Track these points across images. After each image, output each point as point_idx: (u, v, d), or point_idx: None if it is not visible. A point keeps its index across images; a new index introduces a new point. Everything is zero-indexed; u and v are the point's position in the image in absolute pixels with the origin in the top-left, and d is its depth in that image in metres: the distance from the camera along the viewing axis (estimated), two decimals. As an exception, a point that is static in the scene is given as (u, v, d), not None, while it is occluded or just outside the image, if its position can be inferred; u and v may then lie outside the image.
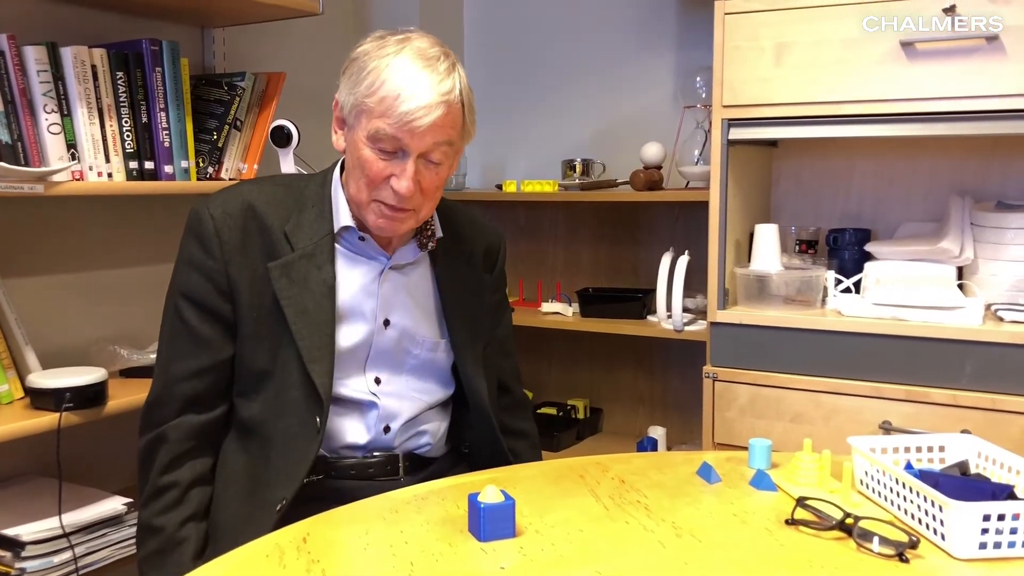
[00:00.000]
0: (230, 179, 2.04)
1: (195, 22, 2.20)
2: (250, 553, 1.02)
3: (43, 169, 1.66)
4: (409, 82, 1.25)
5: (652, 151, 2.48)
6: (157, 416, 1.33)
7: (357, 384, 1.38)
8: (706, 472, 1.25)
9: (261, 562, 0.99)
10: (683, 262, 2.23)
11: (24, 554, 1.57)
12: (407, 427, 1.41)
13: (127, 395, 1.75)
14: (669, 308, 2.25)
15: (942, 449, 1.21)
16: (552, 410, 2.74)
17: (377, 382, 1.39)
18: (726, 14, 1.87)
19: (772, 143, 2.22)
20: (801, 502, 1.09)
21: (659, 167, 2.49)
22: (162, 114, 1.88)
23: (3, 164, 1.58)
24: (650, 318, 2.46)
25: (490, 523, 1.03)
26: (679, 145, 2.49)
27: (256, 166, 2.09)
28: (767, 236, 1.95)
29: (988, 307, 1.81)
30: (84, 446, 1.96)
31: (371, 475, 1.38)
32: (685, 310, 2.28)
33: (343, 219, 1.37)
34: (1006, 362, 1.67)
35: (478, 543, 1.03)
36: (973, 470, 1.17)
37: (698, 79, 2.44)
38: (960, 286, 1.84)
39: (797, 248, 2.18)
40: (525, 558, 0.99)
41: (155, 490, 1.31)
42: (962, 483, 1.09)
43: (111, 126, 1.80)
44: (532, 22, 2.85)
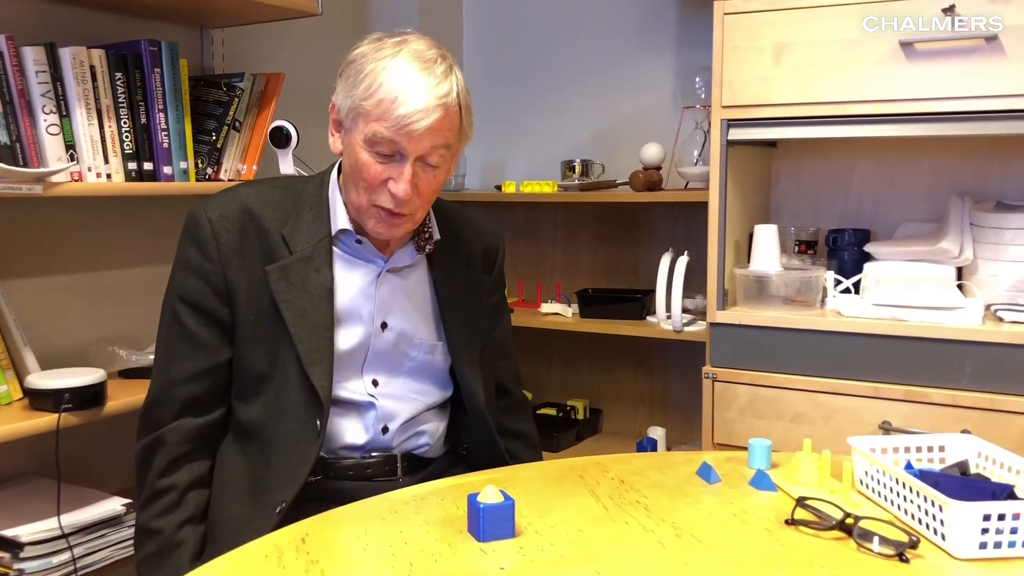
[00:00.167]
0: (229, 180, 2.04)
1: (194, 23, 2.20)
2: (249, 553, 1.02)
3: (42, 170, 1.66)
4: (406, 85, 1.24)
5: (651, 152, 2.48)
6: (155, 419, 1.33)
7: (355, 386, 1.38)
8: (706, 472, 1.25)
9: (260, 562, 0.99)
10: (682, 263, 2.23)
11: (23, 555, 1.56)
12: (405, 428, 1.41)
13: (126, 396, 1.74)
14: (668, 309, 2.25)
15: (942, 449, 1.21)
16: (552, 411, 2.74)
17: (375, 384, 1.39)
18: (725, 14, 1.87)
19: (771, 143, 2.22)
20: (801, 502, 1.09)
21: (658, 168, 2.49)
22: (161, 115, 1.88)
23: (2, 165, 1.57)
24: (649, 319, 2.45)
25: (489, 523, 1.03)
26: (678, 146, 2.49)
27: (255, 167, 2.08)
28: (766, 237, 1.95)
29: (987, 307, 1.81)
30: (83, 447, 1.95)
31: (369, 475, 1.37)
32: (684, 311, 2.28)
33: (340, 222, 1.36)
34: (1006, 362, 1.67)
35: (477, 543, 1.02)
36: (973, 470, 1.17)
37: (697, 79, 2.44)
38: (960, 286, 1.84)
39: (796, 248, 2.18)
40: (525, 558, 0.99)
41: (153, 493, 1.31)
42: (962, 483, 1.09)
43: (110, 127, 1.80)
44: (531, 22, 2.85)
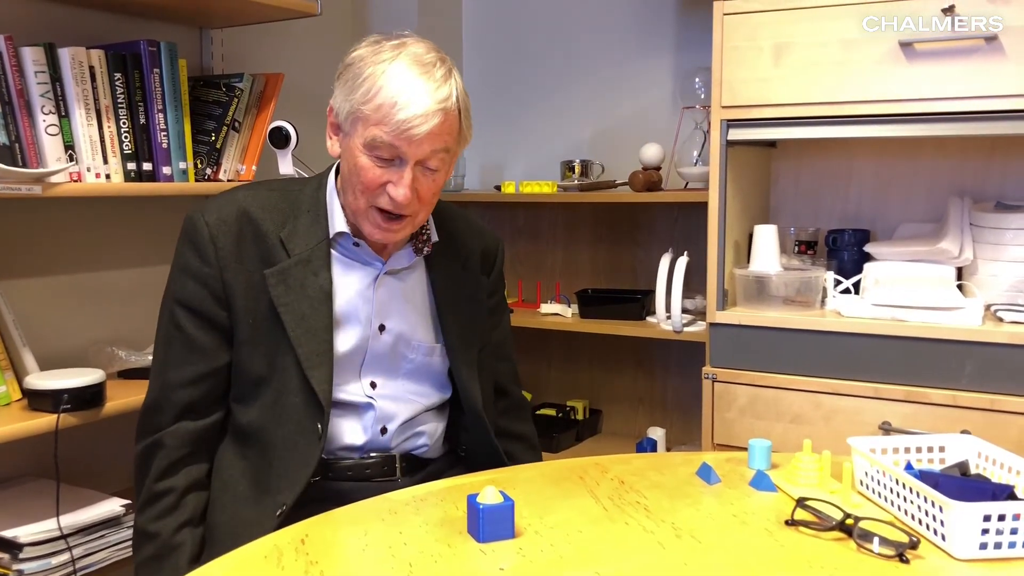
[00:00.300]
0: (228, 180, 2.04)
1: (193, 23, 2.20)
2: (249, 554, 1.01)
3: (41, 170, 1.66)
4: (406, 89, 1.24)
5: (651, 152, 2.48)
6: (153, 423, 1.33)
7: (353, 388, 1.37)
8: (706, 473, 1.25)
9: (259, 563, 0.99)
10: (682, 263, 2.23)
11: (22, 556, 1.56)
12: (404, 428, 1.41)
13: (125, 396, 1.74)
14: (668, 309, 2.25)
15: (942, 449, 1.21)
16: (551, 411, 2.74)
17: (373, 386, 1.39)
18: (725, 14, 1.87)
19: (771, 144, 2.21)
20: (801, 503, 1.09)
21: (658, 168, 2.48)
22: (160, 115, 1.88)
23: (1, 165, 1.57)
24: (649, 319, 2.45)
25: (489, 524, 1.03)
26: (678, 146, 2.49)
27: (254, 167, 2.08)
28: (766, 237, 1.95)
29: (987, 307, 1.81)
30: (82, 447, 1.95)
31: (368, 476, 1.37)
32: (684, 311, 2.28)
33: (338, 224, 1.36)
34: (1005, 362, 1.67)
35: (477, 544, 1.02)
36: (973, 470, 1.17)
37: (697, 80, 2.44)
38: (959, 287, 1.84)
39: (796, 249, 2.18)
40: (524, 559, 0.99)
41: (150, 496, 1.31)
42: (962, 483, 1.09)
43: (109, 127, 1.80)
44: (531, 22, 2.85)
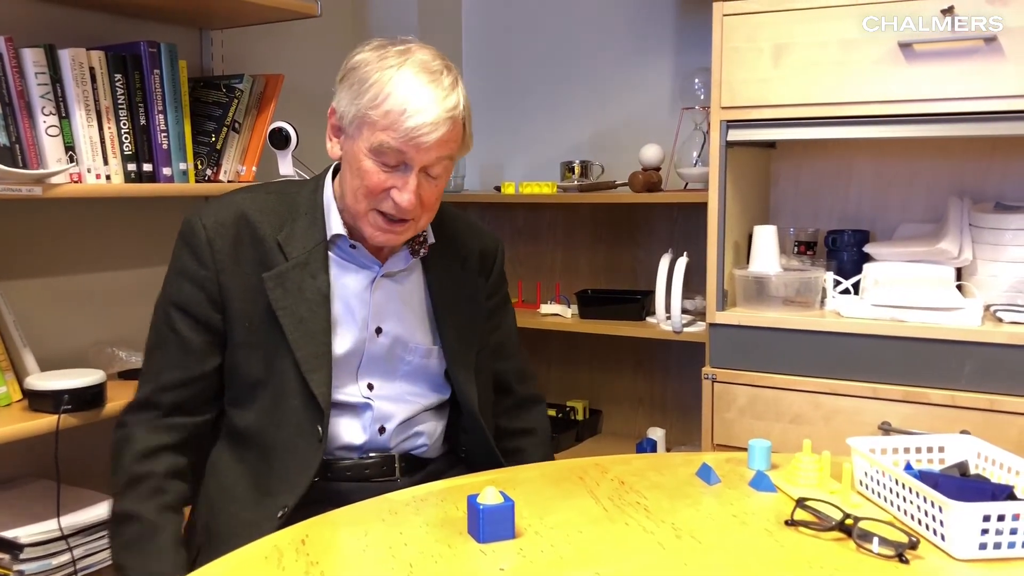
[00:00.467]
0: (228, 181, 2.04)
1: (193, 24, 2.20)
2: (249, 555, 1.02)
3: (41, 171, 1.66)
4: (415, 97, 1.24)
5: (651, 153, 2.48)
6: (139, 417, 1.33)
7: (350, 389, 1.37)
8: (705, 473, 1.25)
9: (260, 564, 0.99)
10: (682, 263, 2.23)
11: (23, 556, 1.56)
12: (402, 428, 1.41)
13: (125, 397, 1.73)
14: (668, 309, 2.25)
15: (941, 450, 1.21)
16: (551, 411, 2.74)
17: (370, 387, 1.39)
18: (724, 15, 1.87)
19: (770, 144, 2.22)
20: (801, 503, 1.09)
21: (658, 169, 2.49)
22: (160, 116, 1.88)
23: (1, 166, 1.57)
24: (649, 319, 2.45)
25: (489, 525, 1.03)
26: (678, 147, 2.49)
27: (255, 168, 2.08)
28: (766, 237, 1.95)
29: (987, 308, 1.81)
30: (82, 448, 1.95)
31: (367, 476, 1.37)
32: (684, 311, 2.28)
33: (335, 227, 1.37)
34: (1005, 363, 1.67)
35: (477, 545, 1.02)
36: (973, 471, 1.17)
37: (696, 80, 2.44)
38: (959, 287, 1.84)
39: (796, 249, 2.18)
40: (524, 559, 0.99)
41: (130, 478, 1.28)
42: (962, 484, 1.09)
43: (109, 128, 1.80)
44: (530, 23, 2.85)
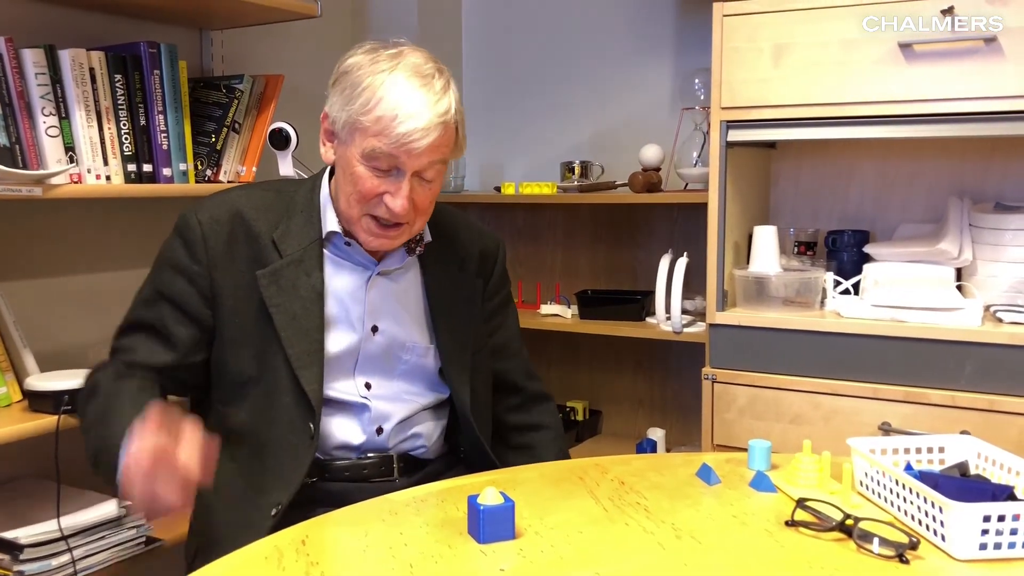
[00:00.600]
0: (228, 182, 2.04)
1: (193, 24, 2.20)
2: (249, 555, 1.02)
3: (41, 172, 1.66)
4: (406, 102, 1.24)
5: (651, 153, 2.48)
6: (105, 372, 1.33)
7: (347, 388, 1.37)
8: (705, 474, 1.25)
9: (260, 564, 0.99)
10: (682, 264, 2.23)
11: (22, 557, 1.56)
12: (400, 428, 1.40)
13: (125, 398, 1.74)
14: (668, 310, 2.25)
15: (942, 450, 1.21)
16: (552, 412, 2.74)
17: (367, 387, 1.39)
18: (724, 15, 1.87)
19: (770, 145, 2.21)
20: (801, 503, 1.09)
21: (658, 169, 2.48)
22: (160, 117, 1.88)
23: (1, 167, 1.57)
24: (649, 320, 2.45)
25: (489, 525, 1.03)
26: (678, 147, 2.49)
27: (255, 169, 2.08)
28: (766, 238, 1.95)
29: (987, 308, 1.81)
30: (82, 449, 1.94)
31: (365, 476, 1.37)
32: (684, 312, 2.28)
33: (330, 224, 1.37)
34: (1005, 363, 1.67)
35: (478, 545, 1.03)
36: (973, 471, 1.17)
37: (696, 81, 2.44)
38: (959, 287, 1.84)
39: (796, 250, 2.18)
40: (525, 560, 0.99)
41: (91, 386, 1.31)
42: (962, 484, 1.09)
43: (109, 129, 1.80)
44: (530, 23, 2.85)
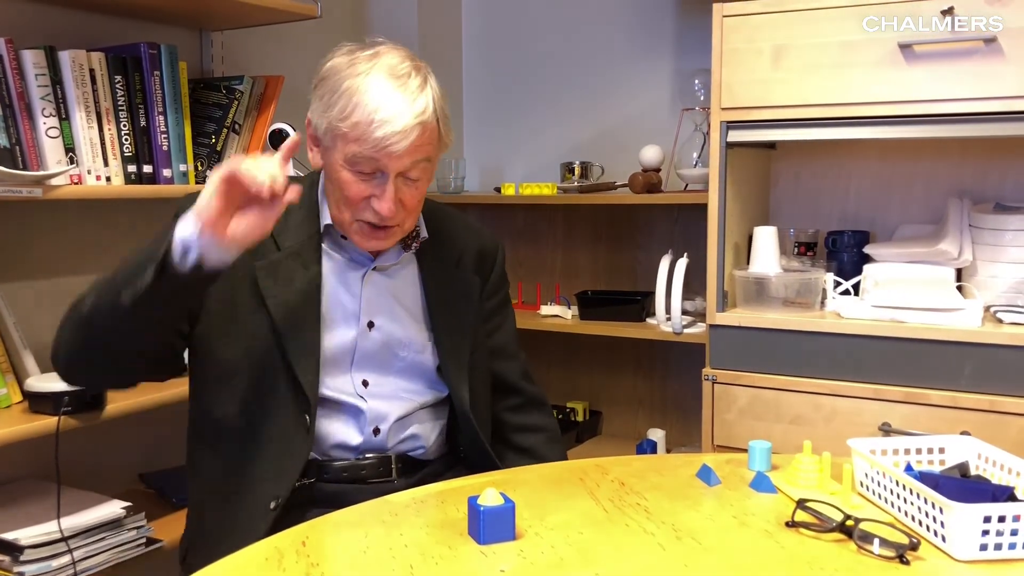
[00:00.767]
0: (228, 182, 2.04)
1: (193, 25, 2.20)
2: (249, 556, 1.02)
3: (41, 173, 1.66)
4: (382, 105, 1.23)
5: (650, 154, 2.48)
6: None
7: (344, 385, 1.37)
8: (706, 474, 1.25)
9: (260, 565, 0.99)
10: (682, 264, 2.23)
11: (23, 558, 1.56)
12: (398, 428, 1.40)
13: (125, 399, 1.74)
14: (668, 311, 2.25)
15: (942, 451, 1.21)
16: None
17: (365, 384, 1.39)
18: (724, 16, 1.87)
19: (770, 145, 2.22)
20: (801, 504, 1.09)
21: (658, 170, 2.49)
22: (160, 118, 1.88)
23: (1, 168, 1.57)
24: (649, 320, 2.45)
25: (490, 526, 1.03)
26: (678, 148, 2.49)
27: (254, 169, 2.08)
28: (766, 238, 1.95)
29: (987, 309, 1.81)
30: (83, 450, 1.95)
31: (364, 477, 1.37)
32: (684, 312, 2.28)
33: (326, 219, 1.38)
34: (1005, 364, 1.67)
35: (478, 546, 1.02)
36: (973, 472, 1.17)
37: (696, 82, 2.44)
38: (959, 288, 1.84)
39: (796, 250, 2.18)
40: (525, 561, 0.99)
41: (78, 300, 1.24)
42: (962, 485, 1.09)
43: (109, 130, 1.80)
44: (530, 24, 2.85)
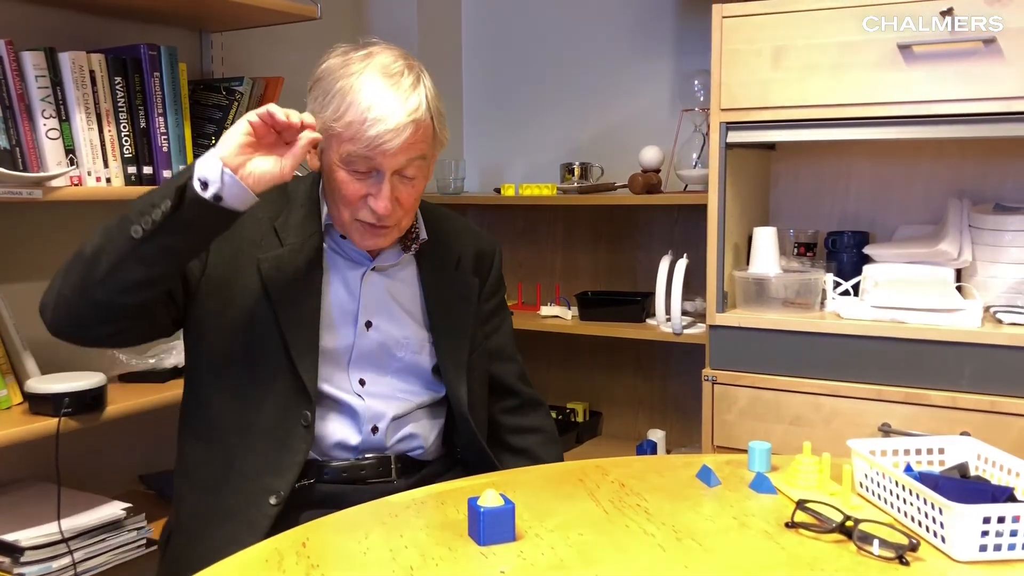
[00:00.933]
0: (228, 184, 2.04)
1: (193, 27, 2.20)
2: (249, 557, 1.02)
3: (41, 174, 1.66)
4: (375, 104, 1.24)
5: (650, 154, 2.48)
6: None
7: (342, 384, 1.38)
8: (706, 475, 1.25)
9: (260, 567, 0.99)
10: (682, 265, 2.23)
11: (23, 559, 1.56)
12: (396, 427, 1.40)
13: (126, 400, 1.74)
14: (668, 311, 2.25)
15: (942, 451, 1.21)
16: (551, 413, 2.73)
17: (362, 383, 1.39)
18: (724, 17, 1.87)
19: (770, 146, 2.22)
20: (801, 505, 1.09)
21: (657, 170, 2.49)
22: (160, 119, 1.88)
23: (1, 169, 1.57)
24: (649, 321, 2.45)
25: (490, 527, 1.03)
26: (677, 148, 2.49)
27: (254, 170, 2.08)
28: (765, 239, 1.95)
29: (987, 309, 1.81)
30: (83, 451, 1.95)
31: (363, 477, 1.37)
32: (684, 313, 2.28)
33: (326, 218, 1.38)
34: (1005, 364, 1.67)
35: (478, 547, 1.02)
36: (973, 472, 1.17)
37: (696, 82, 2.44)
38: (959, 288, 1.84)
39: (795, 251, 2.18)
40: (525, 562, 0.99)
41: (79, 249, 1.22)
42: (962, 485, 1.09)
43: (109, 131, 1.80)
44: (530, 25, 2.86)
